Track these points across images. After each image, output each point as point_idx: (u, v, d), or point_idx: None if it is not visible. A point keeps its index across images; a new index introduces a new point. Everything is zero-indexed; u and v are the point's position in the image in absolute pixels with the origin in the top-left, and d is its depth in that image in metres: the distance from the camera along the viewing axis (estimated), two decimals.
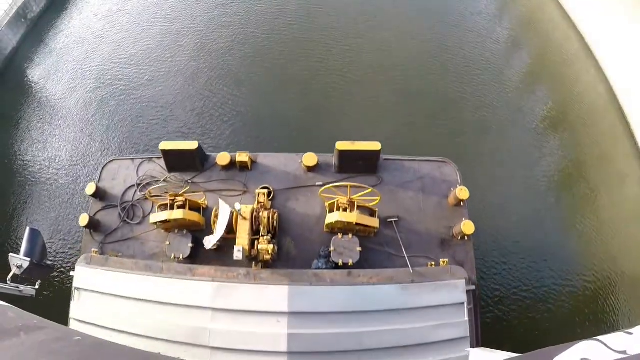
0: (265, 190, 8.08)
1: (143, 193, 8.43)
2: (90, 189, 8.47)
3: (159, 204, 7.97)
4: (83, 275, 7.28)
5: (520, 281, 11.48)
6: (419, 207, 8.08)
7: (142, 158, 9.16)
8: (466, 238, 7.66)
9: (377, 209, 7.71)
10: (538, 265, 11.71)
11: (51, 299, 10.96)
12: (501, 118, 15.41)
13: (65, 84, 17.66)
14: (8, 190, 14.16)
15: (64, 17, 21.01)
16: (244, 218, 7.20)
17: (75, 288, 7.25)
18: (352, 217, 7.10)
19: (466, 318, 6.66)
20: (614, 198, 13.19)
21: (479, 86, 16.30)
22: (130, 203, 8.55)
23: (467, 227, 7.47)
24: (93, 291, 7.15)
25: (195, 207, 8.04)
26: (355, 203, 7.33)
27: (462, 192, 7.80)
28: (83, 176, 14.21)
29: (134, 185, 8.72)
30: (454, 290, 6.80)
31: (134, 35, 19.26)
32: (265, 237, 7.30)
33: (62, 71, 18.23)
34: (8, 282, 5.71)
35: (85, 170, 14.36)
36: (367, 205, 7.52)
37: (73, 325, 7.05)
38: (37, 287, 6.13)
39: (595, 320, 10.95)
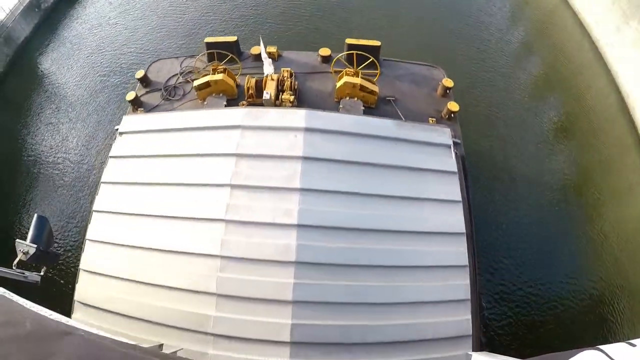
0: (289, 69, 9.80)
1: (185, 77, 10.27)
2: (139, 74, 10.22)
3: (202, 75, 9.67)
4: (129, 122, 8.57)
5: (526, 279, 11.46)
6: (412, 94, 9.62)
7: (185, 56, 10.91)
8: (452, 115, 9.12)
9: (376, 85, 9.26)
10: (543, 265, 11.67)
11: (56, 285, 11.10)
12: (510, 119, 15.36)
13: (76, 72, 17.83)
14: (17, 177, 14.34)
15: (77, 7, 21.20)
16: (272, 79, 9.33)
17: (120, 133, 8.42)
18: (357, 80, 9.01)
19: (453, 159, 7.73)
20: (621, 207, 13.06)
21: (488, 85, 16.28)
22: (173, 85, 10.19)
23: (453, 105, 9.02)
24: (137, 131, 8.37)
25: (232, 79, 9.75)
26: (360, 73, 9.20)
27: (448, 82, 9.34)
28: (91, 163, 14.35)
29: (177, 74, 10.36)
30: (442, 134, 8.01)
31: (148, 22, 19.44)
32: (288, 92, 9.27)
33: (74, 59, 18.41)
34: (14, 268, 5.76)
35: (93, 158, 14.50)
36: (368, 78, 9.26)
37: (110, 162, 8.18)
38: (42, 273, 6.17)
39: (598, 325, 10.87)
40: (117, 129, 8.61)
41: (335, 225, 6.73)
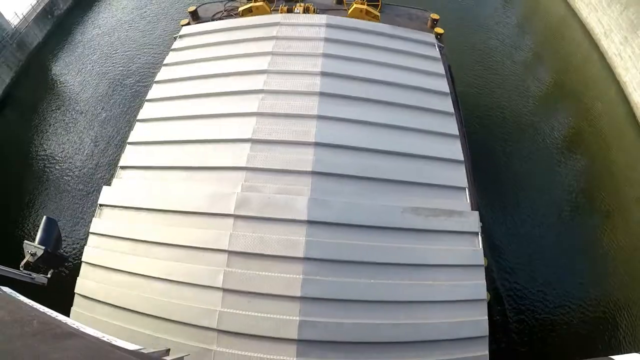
0: (311, 4, 12.07)
1: (228, 12, 12.31)
2: (191, 8, 12.25)
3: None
4: (187, 29, 11.20)
5: (538, 283, 11.43)
6: (407, 25, 11.47)
7: (227, 0, 13.01)
8: (439, 37, 11.16)
9: (379, 13, 11.73)
10: (556, 270, 11.61)
11: (62, 287, 11.09)
12: (521, 129, 15.35)
13: (87, 77, 18.08)
14: (27, 180, 14.48)
15: (90, 13, 21.61)
16: (300, 6, 11.71)
17: (180, 36, 11.03)
18: (364, 6, 11.49)
19: (437, 50, 10.23)
20: (632, 216, 12.91)
21: (498, 93, 16.32)
22: (219, 17, 12.07)
23: (438, 29, 11.38)
24: (194, 33, 10.89)
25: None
26: (365, 3, 11.61)
27: (435, 15, 11.60)
28: (100, 168, 14.46)
29: (221, 11, 12.40)
30: (427, 36, 10.82)
31: (160, 25, 19.86)
32: (312, 14, 11.57)
33: (85, 65, 18.69)
34: (21, 269, 5.77)
35: (102, 162, 14.61)
36: (373, 8, 11.69)
37: (171, 55, 10.54)
38: (49, 275, 6.17)
39: (610, 334, 10.70)
40: (175, 37, 11.18)
41: (347, 74, 9.14)
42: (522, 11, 21.31)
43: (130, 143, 8.71)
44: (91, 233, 7.67)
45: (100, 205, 7.94)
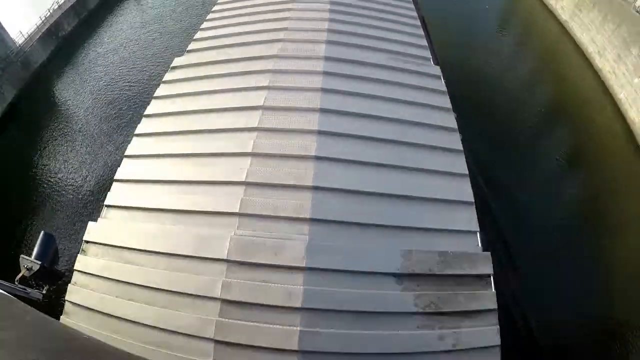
0: None
1: None
2: None
3: None
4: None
5: (538, 289, 11.36)
6: None
7: None
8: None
9: None
10: (558, 280, 11.54)
11: (57, 305, 10.96)
12: (520, 148, 15.47)
13: (89, 96, 18.28)
14: (26, 195, 14.46)
15: (95, 33, 22.05)
16: None
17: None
18: None
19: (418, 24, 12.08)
20: (632, 232, 12.93)
21: (497, 113, 16.50)
22: None
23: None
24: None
25: None
26: None
27: None
28: (98, 185, 14.47)
29: None
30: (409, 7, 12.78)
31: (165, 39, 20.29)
32: None
33: (87, 84, 18.94)
34: (16, 283, 5.74)
35: (100, 180, 14.64)
36: None
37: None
38: (44, 291, 6.13)
39: (612, 343, 10.63)
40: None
41: (344, 20, 11.44)
42: (517, 32, 21.80)
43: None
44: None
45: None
